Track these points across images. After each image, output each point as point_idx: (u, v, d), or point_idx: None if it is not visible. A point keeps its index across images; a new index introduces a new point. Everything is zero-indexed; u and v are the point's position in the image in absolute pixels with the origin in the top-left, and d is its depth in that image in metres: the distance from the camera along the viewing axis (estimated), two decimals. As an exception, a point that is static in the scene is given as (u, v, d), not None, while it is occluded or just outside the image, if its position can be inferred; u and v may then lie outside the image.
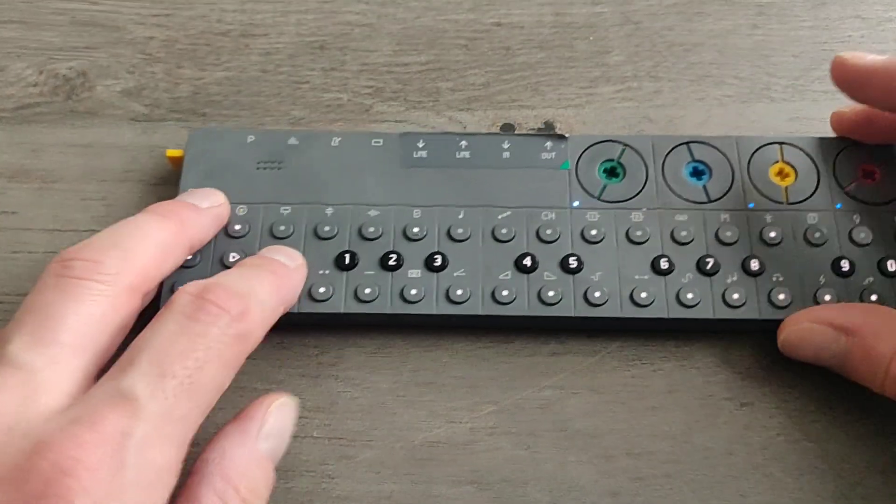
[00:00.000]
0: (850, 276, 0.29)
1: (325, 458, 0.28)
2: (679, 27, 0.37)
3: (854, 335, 0.26)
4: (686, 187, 0.31)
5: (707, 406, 0.29)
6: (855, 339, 0.26)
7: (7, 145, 0.34)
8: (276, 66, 0.36)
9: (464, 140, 0.32)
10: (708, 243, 0.30)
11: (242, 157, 0.31)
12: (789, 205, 0.30)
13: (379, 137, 0.32)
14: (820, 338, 0.27)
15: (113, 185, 0.33)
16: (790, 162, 0.31)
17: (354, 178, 0.31)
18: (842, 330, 0.27)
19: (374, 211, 0.30)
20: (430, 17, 0.38)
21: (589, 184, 0.31)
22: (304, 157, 0.31)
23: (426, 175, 0.31)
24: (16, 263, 0.31)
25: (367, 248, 0.30)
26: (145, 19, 0.38)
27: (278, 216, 0.30)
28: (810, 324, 0.27)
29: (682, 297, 0.29)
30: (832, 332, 0.27)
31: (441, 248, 0.30)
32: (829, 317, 0.27)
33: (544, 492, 0.27)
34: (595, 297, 0.29)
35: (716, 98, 0.35)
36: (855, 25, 0.37)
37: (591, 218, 0.30)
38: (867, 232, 0.30)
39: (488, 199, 0.31)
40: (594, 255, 0.29)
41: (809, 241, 0.30)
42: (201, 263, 0.29)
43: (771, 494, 0.27)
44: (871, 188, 0.31)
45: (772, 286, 0.29)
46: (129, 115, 0.35)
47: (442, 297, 0.29)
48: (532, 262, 0.29)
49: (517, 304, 0.29)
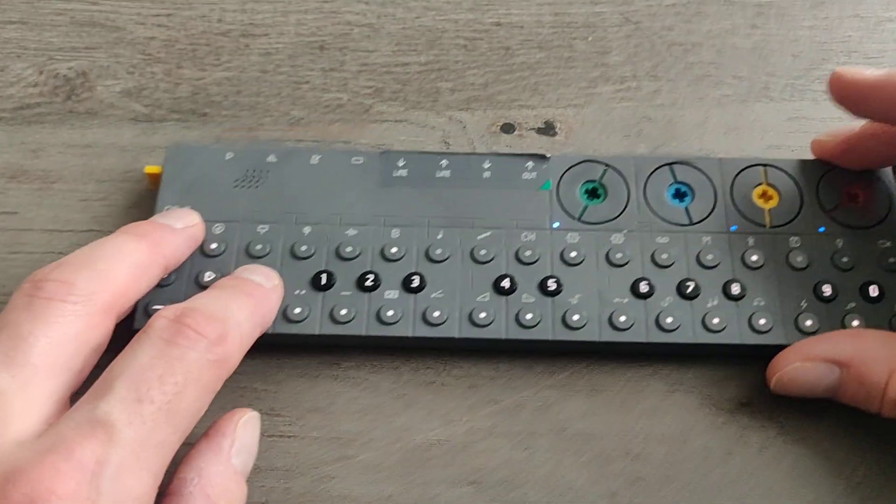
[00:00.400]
0: (832, 300, 0.29)
1: (323, 459, 0.28)
2: (678, 27, 0.37)
3: (846, 366, 0.26)
4: (668, 209, 0.31)
5: (705, 407, 0.29)
6: (849, 369, 0.26)
7: (7, 145, 0.34)
8: (276, 66, 0.36)
9: (444, 159, 0.31)
10: (689, 266, 0.29)
11: (220, 174, 0.31)
12: (772, 228, 0.30)
13: (359, 155, 0.31)
14: (813, 374, 0.27)
15: (113, 186, 0.33)
16: (774, 184, 0.31)
17: (333, 197, 0.31)
18: (833, 363, 0.27)
19: (353, 230, 0.30)
20: (430, 18, 0.38)
21: (570, 205, 0.31)
22: (283, 174, 0.31)
23: (406, 194, 0.31)
24: (15, 263, 0.32)
25: (344, 268, 0.29)
26: (145, 19, 0.38)
27: (255, 235, 0.30)
28: (801, 362, 0.27)
29: (661, 321, 0.28)
30: (824, 367, 0.27)
31: (419, 268, 0.29)
32: (819, 352, 0.27)
33: (542, 493, 0.27)
34: (574, 320, 0.28)
35: (715, 98, 0.35)
36: (854, 25, 0.37)
37: (572, 239, 0.30)
38: (850, 256, 0.29)
39: (468, 219, 0.30)
40: (574, 277, 0.29)
41: (791, 266, 0.29)
42: (176, 282, 0.29)
43: (770, 496, 0.27)
44: (855, 211, 0.30)
45: (753, 311, 0.29)
46: (129, 115, 0.35)
47: (419, 319, 0.28)
48: (511, 284, 0.29)
49: (494, 327, 0.28)
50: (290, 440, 0.28)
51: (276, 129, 0.35)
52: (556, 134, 0.35)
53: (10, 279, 0.31)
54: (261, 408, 0.29)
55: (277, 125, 0.35)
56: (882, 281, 0.29)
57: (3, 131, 0.35)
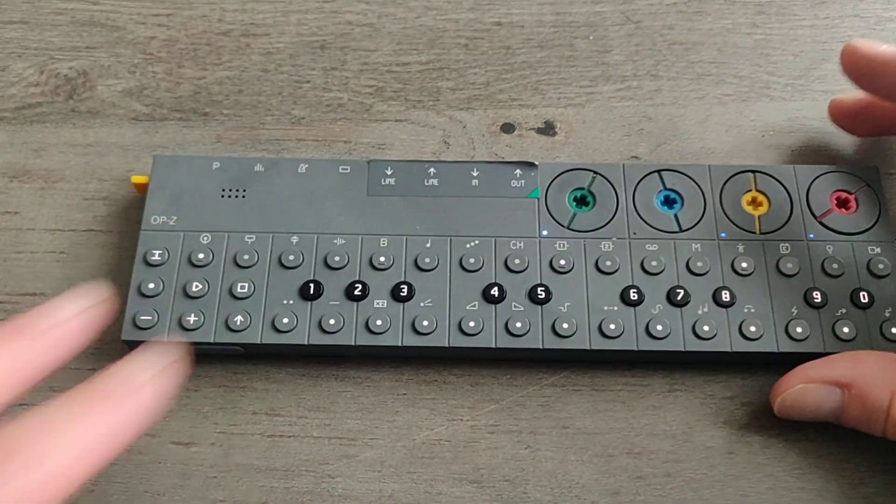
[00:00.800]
0: (822, 307, 0.29)
1: (325, 458, 0.28)
2: (679, 26, 0.37)
3: (849, 388, 0.26)
4: (657, 216, 0.31)
5: (707, 405, 0.29)
6: (851, 391, 0.26)
7: (9, 145, 0.34)
8: (277, 65, 0.36)
9: (432, 167, 0.31)
10: (679, 273, 0.29)
11: (207, 183, 0.31)
12: (762, 234, 0.30)
13: (346, 164, 0.31)
14: (815, 396, 0.27)
15: (115, 185, 0.33)
16: (763, 190, 0.31)
17: (321, 206, 0.31)
18: (835, 385, 0.27)
19: (341, 239, 0.30)
20: (431, 17, 0.38)
21: (558, 212, 0.31)
22: (270, 184, 0.31)
23: (393, 203, 0.31)
24: (18, 263, 0.32)
25: (332, 277, 0.29)
26: (146, 19, 0.38)
27: (242, 244, 0.30)
28: (803, 385, 0.27)
29: (651, 328, 0.28)
30: (826, 389, 0.27)
31: (408, 277, 0.29)
32: (820, 374, 0.27)
33: (545, 490, 0.27)
34: (563, 328, 0.28)
35: (715, 97, 0.35)
36: (854, 25, 0.37)
37: (560, 247, 0.30)
38: (840, 262, 0.29)
39: (456, 227, 0.30)
40: (563, 285, 0.29)
41: (782, 272, 0.29)
42: (164, 294, 0.29)
43: (772, 494, 0.27)
44: (845, 218, 0.30)
45: (743, 318, 0.28)
46: (130, 114, 0.35)
47: (408, 329, 0.28)
48: (500, 293, 0.29)
49: (484, 336, 0.28)
50: (290, 440, 0.28)
51: (277, 128, 0.35)
52: (556, 134, 0.35)
53: (12, 279, 0.31)
54: (261, 408, 0.29)
55: (278, 124, 0.35)
56: (872, 287, 0.29)
57: (5, 131, 0.35)
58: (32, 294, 0.31)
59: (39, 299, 0.31)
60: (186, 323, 0.28)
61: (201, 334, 0.28)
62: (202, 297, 0.29)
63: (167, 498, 0.27)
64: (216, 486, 0.28)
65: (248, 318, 0.28)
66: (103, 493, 0.28)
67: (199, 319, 0.28)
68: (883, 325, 0.28)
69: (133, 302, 0.29)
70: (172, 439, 0.28)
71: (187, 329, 0.28)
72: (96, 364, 0.30)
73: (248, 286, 0.29)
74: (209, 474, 0.28)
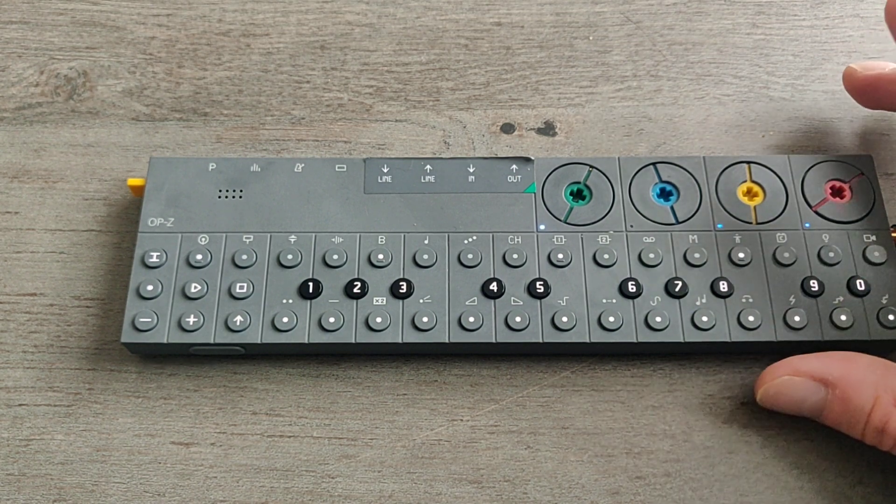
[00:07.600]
0: (819, 295, 0.29)
1: (325, 458, 0.28)
2: (679, 26, 0.37)
3: (833, 387, 0.26)
4: (653, 209, 0.31)
5: (707, 405, 0.29)
6: (835, 390, 0.26)
7: (9, 145, 0.34)
8: (277, 65, 0.36)
9: (428, 164, 0.31)
10: (676, 265, 0.29)
11: (204, 184, 0.31)
12: (758, 225, 0.30)
13: (343, 163, 0.31)
14: (799, 389, 0.27)
15: (115, 185, 0.33)
16: (758, 181, 0.31)
17: (318, 205, 0.31)
18: (821, 381, 0.27)
19: (338, 238, 0.30)
20: (431, 17, 0.38)
21: (555, 207, 0.31)
22: (267, 184, 0.31)
23: (391, 200, 0.31)
24: (18, 263, 0.32)
25: (331, 275, 0.29)
26: (146, 19, 0.38)
27: (240, 244, 0.30)
28: (789, 377, 0.27)
29: (650, 320, 0.28)
30: (811, 384, 0.27)
31: (406, 274, 0.29)
32: (808, 369, 0.27)
33: (545, 491, 0.27)
34: (563, 321, 0.28)
35: (715, 97, 0.35)
36: (854, 25, 0.37)
37: (558, 241, 0.30)
38: (836, 251, 0.29)
39: (454, 223, 0.30)
40: (561, 279, 0.29)
41: (778, 262, 0.29)
42: (163, 295, 0.29)
43: (771, 494, 0.27)
44: (841, 207, 0.30)
45: (741, 307, 0.29)
46: (130, 114, 0.35)
47: (408, 325, 0.28)
48: (498, 288, 0.29)
49: (484, 331, 0.28)
50: (290, 440, 0.28)
51: (277, 128, 0.35)
52: (556, 134, 0.35)
53: (12, 279, 0.31)
54: (261, 408, 0.29)
55: (279, 124, 0.35)
56: (868, 275, 0.29)
57: (5, 131, 0.35)
58: (32, 294, 0.31)
59: (39, 299, 0.31)
60: (186, 324, 0.28)
61: (201, 335, 0.28)
62: (201, 297, 0.29)
63: (167, 498, 0.27)
64: (216, 486, 0.28)
65: (247, 318, 0.28)
66: (103, 493, 0.28)
67: (198, 320, 0.28)
68: (880, 313, 0.28)
69: (132, 304, 0.29)
70: (172, 439, 0.28)
71: (187, 330, 0.28)
72: (96, 364, 0.30)
73: (247, 286, 0.29)
74: (209, 474, 0.28)
